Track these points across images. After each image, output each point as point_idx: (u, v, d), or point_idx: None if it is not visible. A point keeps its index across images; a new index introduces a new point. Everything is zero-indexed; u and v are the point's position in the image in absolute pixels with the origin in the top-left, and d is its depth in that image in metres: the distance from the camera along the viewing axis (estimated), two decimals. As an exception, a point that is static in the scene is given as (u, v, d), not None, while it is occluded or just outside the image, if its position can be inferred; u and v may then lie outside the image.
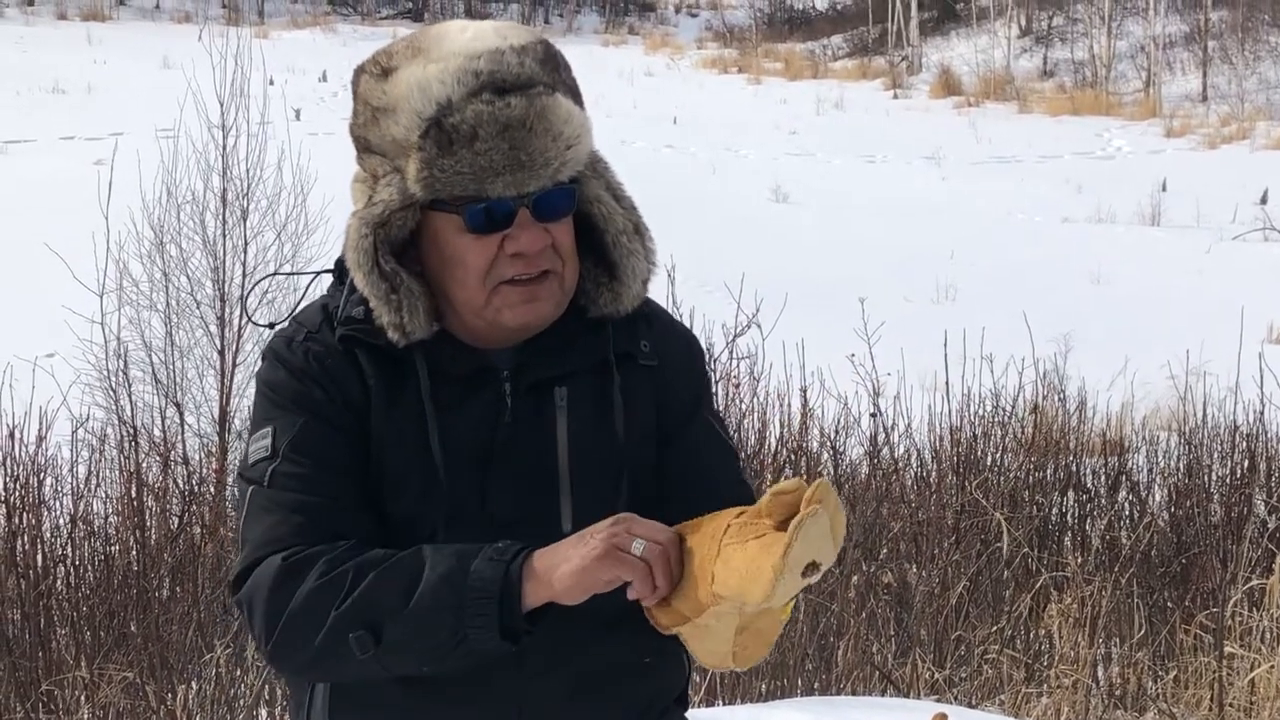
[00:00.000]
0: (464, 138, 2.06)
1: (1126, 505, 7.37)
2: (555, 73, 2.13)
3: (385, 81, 2.12)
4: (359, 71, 2.17)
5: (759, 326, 7.37)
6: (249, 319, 8.10)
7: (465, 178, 2.07)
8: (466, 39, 2.12)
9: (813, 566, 1.90)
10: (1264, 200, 20.24)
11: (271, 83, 11.79)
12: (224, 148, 8.91)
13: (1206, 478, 7.41)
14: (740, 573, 1.90)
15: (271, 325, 2.31)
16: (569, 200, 2.13)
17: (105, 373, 8.02)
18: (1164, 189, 20.73)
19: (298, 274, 2.47)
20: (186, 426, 8.31)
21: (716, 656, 2.03)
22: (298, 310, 2.25)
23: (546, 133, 2.08)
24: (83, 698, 5.50)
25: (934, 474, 7.24)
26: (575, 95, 2.15)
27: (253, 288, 8.35)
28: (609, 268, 2.19)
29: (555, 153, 2.08)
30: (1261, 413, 7.71)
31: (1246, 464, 7.42)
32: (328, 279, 2.27)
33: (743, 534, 1.92)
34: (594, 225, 2.19)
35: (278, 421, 2.13)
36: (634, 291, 2.20)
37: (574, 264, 2.16)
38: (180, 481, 6.89)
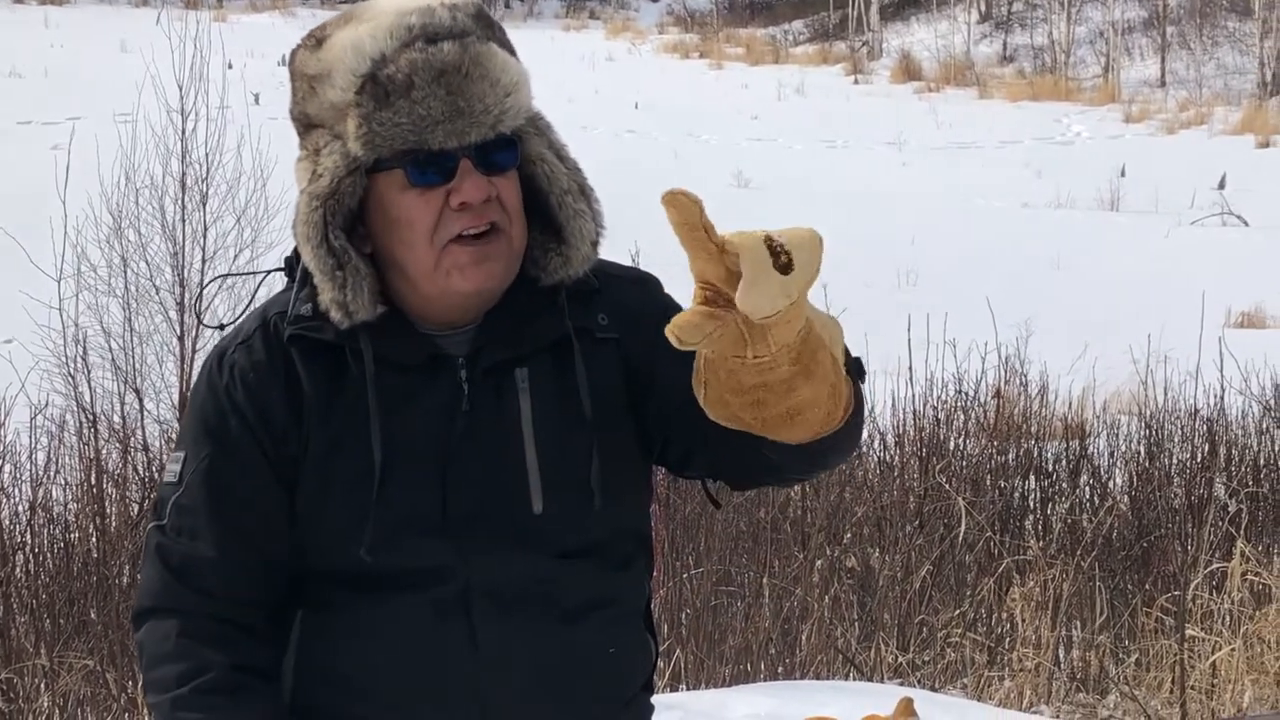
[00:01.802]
0: (400, 87, 2.04)
1: (1088, 489, 7.40)
2: (489, 28, 2.11)
3: (319, 50, 2.11)
4: (294, 51, 2.16)
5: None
6: (200, 322, 8.06)
7: (404, 129, 2.04)
8: (399, 1, 2.11)
9: (772, 244, 1.71)
10: (1222, 185, 20.34)
11: (230, 66, 11.70)
12: (183, 132, 8.85)
13: (1167, 461, 7.45)
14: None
15: (222, 327, 2.29)
16: (512, 152, 2.10)
17: (64, 359, 7.96)
18: (1123, 174, 20.80)
19: (248, 274, 2.44)
20: (146, 413, 8.26)
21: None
22: (249, 310, 2.23)
23: (484, 79, 2.06)
24: (43, 685, 5.46)
25: (897, 459, 7.25)
26: (510, 52, 2.13)
27: (201, 291, 8.31)
28: (555, 231, 2.15)
29: (494, 100, 2.06)
30: (1221, 396, 7.75)
31: (1207, 448, 7.46)
32: (279, 277, 2.23)
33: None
34: (538, 187, 2.15)
35: (191, 447, 2.14)
36: (583, 253, 2.15)
37: (521, 223, 2.12)
38: (140, 468, 6.85)
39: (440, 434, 2.11)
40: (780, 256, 1.73)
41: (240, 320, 2.20)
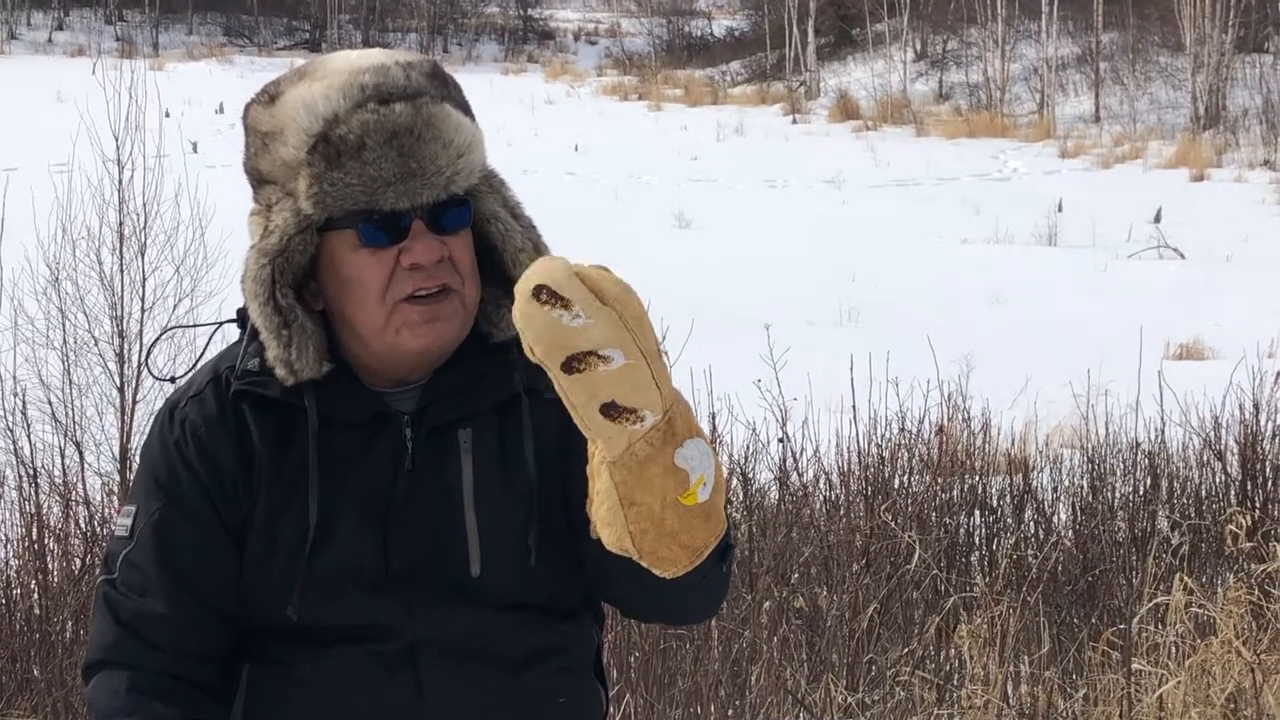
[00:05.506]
0: (351, 148, 2.03)
1: (1032, 524, 7.42)
2: (444, 87, 2.11)
3: (272, 106, 2.10)
4: (248, 105, 2.15)
5: (666, 354, 7.36)
6: (151, 374, 7.99)
7: (355, 189, 2.04)
8: (353, 58, 2.11)
9: (546, 291, 1.86)
10: (1157, 219, 20.54)
11: (168, 115, 11.66)
12: (120, 182, 8.80)
13: (1110, 495, 7.49)
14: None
15: (173, 380, 2.27)
16: (464, 212, 2.10)
17: (2, 412, 7.88)
18: (1060, 209, 20.98)
19: (200, 325, 2.42)
20: (87, 466, 8.18)
21: (614, 534, 1.94)
22: (199, 363, 2.21)
23: (436, 140, 2.05)
24: (-16, 746, 5.39)
25: (843, 497, 7.26)
26: (465, 110, 2.12)
27: (153, 344, 8.24)
28: (509, 288, 2.15)
29: (447, 161, 2.06)
30: (1162, 429, 7.80)
31: (1149, 481, 7.50)
32: (230, 329, 2.22)
33: None
34: (492, 245, 2.15)
35: (142, 501, 2.13)
36: None
37: (474, 282, 2.12)
38: (82, 523, 6.78)
39: (383, 491, 2.10)
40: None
41: (192, 373, 2.19)
